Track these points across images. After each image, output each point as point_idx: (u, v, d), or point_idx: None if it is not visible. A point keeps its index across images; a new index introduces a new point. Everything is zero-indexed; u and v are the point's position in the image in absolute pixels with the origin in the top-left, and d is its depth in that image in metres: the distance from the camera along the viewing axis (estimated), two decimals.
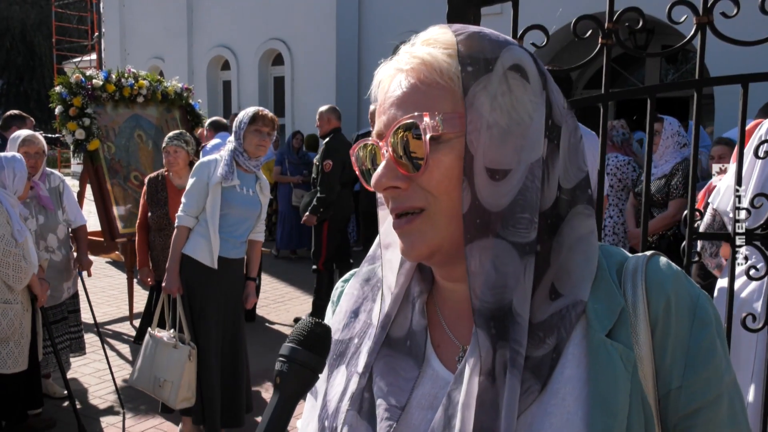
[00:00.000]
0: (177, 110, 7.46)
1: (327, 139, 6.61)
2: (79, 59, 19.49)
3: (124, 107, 6.94)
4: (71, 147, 6.51)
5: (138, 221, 5.14)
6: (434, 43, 0.81)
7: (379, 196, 0.87)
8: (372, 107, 0.91)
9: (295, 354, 0.80)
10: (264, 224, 4.23)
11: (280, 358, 0.80)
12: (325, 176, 6.48)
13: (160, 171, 5.08)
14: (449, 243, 0.80)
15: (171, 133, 4.95)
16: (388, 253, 0.92)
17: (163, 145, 4.89)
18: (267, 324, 6.82)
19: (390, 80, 0.83)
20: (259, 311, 7.07)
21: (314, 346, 0.81)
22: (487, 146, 0.77)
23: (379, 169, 0.81)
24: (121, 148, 6.81)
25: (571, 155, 0.83)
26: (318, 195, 6.51)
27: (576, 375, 0.76)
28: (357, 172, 0.88)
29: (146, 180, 5.05)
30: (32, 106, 28.71)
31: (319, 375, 0.81)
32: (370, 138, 0.85)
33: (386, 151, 0.81)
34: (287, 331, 6.50)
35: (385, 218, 0.90)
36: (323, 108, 6.72)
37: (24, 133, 4.58)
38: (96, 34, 17.84)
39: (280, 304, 7.52)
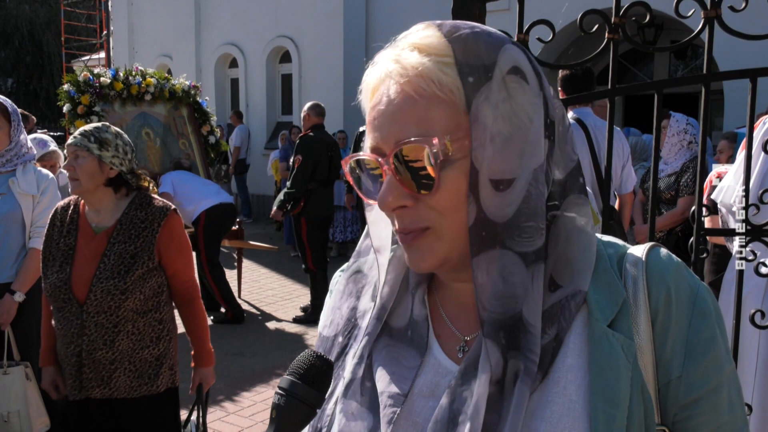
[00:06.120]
0: (185, 108, 7.49)
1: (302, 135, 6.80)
2: (87, 57, 19.55)
3: (131, 105, 6.96)
4: None
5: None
6: (426, 49, 0.77)
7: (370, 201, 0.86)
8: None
9: (294, 388, 0.77)
10: (41, 228, 3.15)
11: (278, 391, 0.77)
12: (294, 172, 6.62)
13: (71, 198, 2.83)
14: (457, 254, 0.80)
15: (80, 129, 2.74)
16: (380, 257, 0.91)
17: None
18: (274, 321, 6.83)
19: (381, 88, 0.80)
20: (266, 308, 7.08)
21: (314, 381, 0.78)
22: (491, 158, 0.76)
23: (384, 188, 0.78)
24: None
25: (561, 144, 0.83)
26: (285, 190, 6.65)
27: (577, 364, 0.77)
28: (350, 180, 0.86)
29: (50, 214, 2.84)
30: (41, 105, 28.85)
31: (318, 411, 0.80)
32: (363, 153, 0.82)
33: (389, 170, 0.78)
34: (294, 329, 6.52)
35: (376, 222, 0.90)
36: (306, 106, 6.89)
37: (47, 148, 4.46)
38: (104, 32, 17.89)
39: (288, 301, 7.53)
